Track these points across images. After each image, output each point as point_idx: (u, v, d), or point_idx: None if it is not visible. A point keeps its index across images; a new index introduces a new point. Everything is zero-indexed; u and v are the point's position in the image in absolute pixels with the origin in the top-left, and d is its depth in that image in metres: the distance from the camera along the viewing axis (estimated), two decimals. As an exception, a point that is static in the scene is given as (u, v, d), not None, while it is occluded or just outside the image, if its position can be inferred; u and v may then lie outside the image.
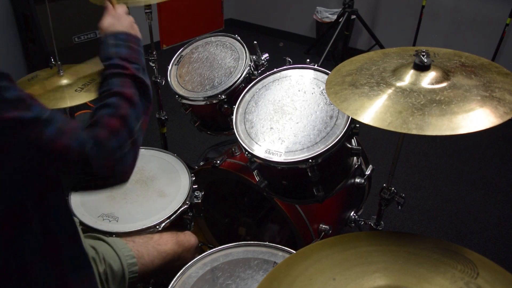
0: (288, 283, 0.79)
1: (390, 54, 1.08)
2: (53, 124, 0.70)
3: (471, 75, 0.95)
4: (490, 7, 3.28)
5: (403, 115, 0.86)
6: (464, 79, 0.94)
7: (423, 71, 0.96)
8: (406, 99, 0.90)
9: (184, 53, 1.71)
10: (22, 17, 3.07)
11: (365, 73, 1.02)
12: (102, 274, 1.06)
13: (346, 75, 1.03)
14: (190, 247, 1.27)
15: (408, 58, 1.04)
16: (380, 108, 0.90)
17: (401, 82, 0.96)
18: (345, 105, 0.93)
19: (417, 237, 0.88)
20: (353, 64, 1.08)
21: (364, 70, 1.03)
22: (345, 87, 0.98)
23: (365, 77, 1.00)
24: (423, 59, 0.95)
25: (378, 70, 1.02)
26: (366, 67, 1.04)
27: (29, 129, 0.67)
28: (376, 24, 3.97)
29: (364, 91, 0.95)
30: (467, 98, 0.88)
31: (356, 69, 1.05)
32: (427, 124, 0.83)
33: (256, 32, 4.77)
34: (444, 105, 0.87)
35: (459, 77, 0.95)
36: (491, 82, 0.92)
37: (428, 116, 0.85)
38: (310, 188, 1.24)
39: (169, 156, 1.58)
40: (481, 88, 0.91)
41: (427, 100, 0.89)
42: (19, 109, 0.67)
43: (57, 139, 0.69)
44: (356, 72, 1.03)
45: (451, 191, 2.45)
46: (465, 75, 0.96)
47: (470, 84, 0.92)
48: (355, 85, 0.98)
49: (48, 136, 0.69)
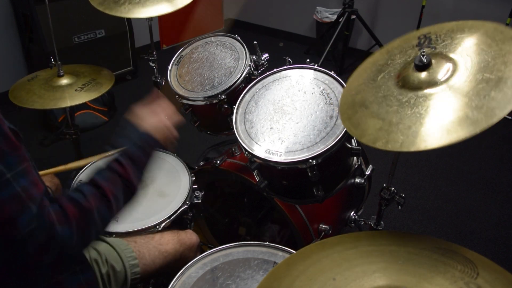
0: (288, 283, 0.79)
1: (393, 51, 1.06)
2: (9, 187, 0.66)
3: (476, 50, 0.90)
4: (490, 7, 3.28)
5: (412, 131, 0.84)
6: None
7: (424, 70, 0.94)
8: (413, 110, 0.87)
9: (184, 53, 1.71)
10: (22, 17, 3.07)
11: (372, 86, 1.00)
12: (105, 276, 1.06)
13: (356, 94, 1.02)
14: (191, 246, 1.27)
15: (411, 52, 1.02)
16: (391, 127, 0.88)
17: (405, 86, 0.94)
18: (359, 132, 0.92)
19: (417, 237, 0.88)
20: (360, 77, 1.06)
21: (371, 82, 1.01)
22: (356, 109, 0.97)
23: (372, 92, 0.98)
24: (423, 59, 0.94)
25: (383, 79, 1.00)
26: (372, 77, 1.02)
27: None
28: (376, 24, 3.96)
29: (374, 111, 0.93)
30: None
31: (363, 83, 1.03)
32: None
33: (256, 32, 4.77)
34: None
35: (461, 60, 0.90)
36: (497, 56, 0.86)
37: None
38: (310, 188, 1.24)
39: (169, 156, 1.58)
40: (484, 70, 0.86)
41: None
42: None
43: (5, 204, 0.66)
44: (364, 87, 1.01)
45: (451, 191, 2.45)
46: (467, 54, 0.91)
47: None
48: (365, 105, 0.96)
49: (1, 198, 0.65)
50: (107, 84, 1.75)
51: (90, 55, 3.20)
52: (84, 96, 1.67)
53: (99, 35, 3.29)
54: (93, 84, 1.74)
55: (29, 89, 1.68)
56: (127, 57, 3.57)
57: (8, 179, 0.67)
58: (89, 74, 1.80)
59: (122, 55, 3.53)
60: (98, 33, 3.28)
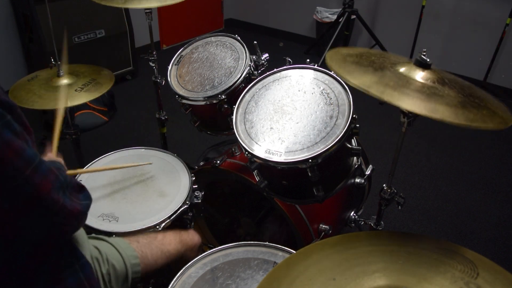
0: (288, 283, 0.79)
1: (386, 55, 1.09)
2: (43, 168, 0.73)
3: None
4: (490, 7, 3.28)
5: (388, 87, 0.89)
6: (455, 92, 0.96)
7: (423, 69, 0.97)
8: (399, 80, 0.93)
9: (184, 53, 1.70)
10: (22, 17, 3.07)
11: (366, 59, 1.03)
12: (106, 275, 1.06)
13: (347, 56, 1.04)
14: (193, 246, 1.27)
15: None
16: (376, 79, 0.92)
17: (400, 68, 0.98)
18: (344, 71, 0.96)
19: (417, 237, 0.88)
20: (351, 50, 1.10)
21: (365, 56, 1.04)
22: (348, 64, 1.00)
23: (367, 61, 1.01)
24: (425, 58, 0.96)
25: (378, 60, 1.03)
26: (366, 55, 1.05)
27: (26, 163, 0.70)
28: (376, 24, 3.97)
29: (368, 70, 0.96)
30: (450, 95, 0.91)
31: (355, 55, 1.06)
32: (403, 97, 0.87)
33: (256, 32, 4.77)
34: (428, 93, 0.90)
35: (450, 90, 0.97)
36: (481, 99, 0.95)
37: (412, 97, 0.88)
38: (310, 188, 1.24)
39: (169, 156, 1.58)
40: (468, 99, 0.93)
41: (416, 87, 0.92)
42: (21, 140, 0.71)
43: (44, 182, 0.73)
44: (357, 57, 1.04)
45: (451, 191, 2.45)
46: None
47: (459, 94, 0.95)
48: (359, 63, 0.99)
49: (39, 176, 0.72)
50: (107, 84, 1.75)
51: (90, 55, 3.20)
52: (84, 96, 1.67)
53: (99, 35, 3.29)
54: (93, 84, 1.74)
55: (29, 89, 1.68)
56: (127, 57, 3.57)
57: (37, 163, 0.73)
58: (89, 74, 1.80)
59: (122, 55, 3.53)
60: (98, 33, 3.28)
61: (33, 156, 0.72)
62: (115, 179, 1.46)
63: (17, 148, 0.69)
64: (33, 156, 0.72)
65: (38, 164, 0.72)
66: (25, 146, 0.71)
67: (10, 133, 0.69)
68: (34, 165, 0.71)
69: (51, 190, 0.74)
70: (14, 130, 0.70)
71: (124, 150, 1.61)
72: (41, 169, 0.73)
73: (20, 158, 0.69)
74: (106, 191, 1.41)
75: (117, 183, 1.45)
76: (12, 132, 0.69)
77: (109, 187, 1.43)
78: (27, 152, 0.71)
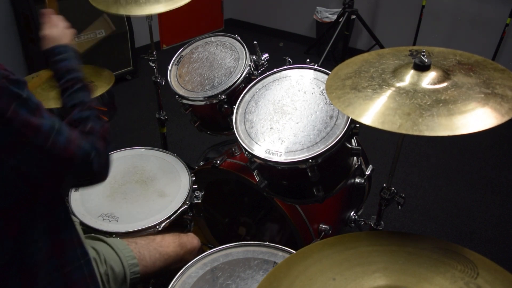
0: (288, 283, 0.79)
1: (385, 55, 1.08)
2: (63, 134, 0.77)
3: (470, 73, 0.95)
4: (490, 7, 3.28)
5: (412, 117, 0.85)
6: (464, 78, 0.94)
7: (424, 71, 0.95)
8: (412, 100, 0.89)
9: (184, 53, 1.71)
10: (22, 17, 3.07)
11: (364, 76, 1.01)
12: (103, 275, 1.06)
13: (345, 79, 1.03)
14: (192, 249, 1.27)
15: (403, 58, 1.04)
16: (387, 110, 0.89)
17: (402, 83, 0.95)
18: (350, 110, 0.92)
19: (417, 237, 0.88)
20: (349, 67, 1.07)
21: (363, 72, 1.03)
22: (347, 91, 0.98)
23: (365, 79, 0.99)
24: (424, 59, 0.95)
25: (377, 72, 1.01)
26: (364, 69, 1.04)
27: (46, 137, 0.74)
28: (376, 24, 3.96)
29: (367, 94, 0.94)
30: (471, 97, 0.88)
31: (354, 72, 1.04)
32: (437, 125, 0.83)
33: (256, 32, 4.77)
34: (450, 105, 0.86)
35: (458, 76, 0.95)
36: (490, 79, 0.92)
37: (437, 116, 0.84)
38: (310, 188, 1.24)
39: (169, 156, 1.58)
40: (482, 85, 0.90)
41: (433, 101, 0.88)
42: (37, 116, 0.73)
43: (67, 147, 0.77)
44: (355, 75, 1.03)
45: (451, 191, 2.45)
46: (463, 73, 0.95)
47: (470, 82, 0.92)
48: (357, 89, 0.97)
49: (61, 144, 0.76)
50: (107, 84, 1.75)
51: (90, 55, 3.20)
52: (84, 96, 1.67)
53: (99, 35, 3.29)
54: (93, 84, 1.74)
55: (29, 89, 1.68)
56: (127, 57, 3.57)
57: (58, 128, 0.78)
58: (89, 75, 1.79)
59: (122, 55, 3.52)
60: (98, 33, 3.28)
61: (51, 126, 0.75)
62: (115, 179, 1.46)
63: (34, 126, 0.72)
64: (51, 126, 0.75)
65: (57, 132, 0.76)
66: (42, 121, 0.74)
67: (27, 112, 0.71)
68: (53, 135, 0.75)
69: (77, 149, 0.78)
70: (29, 107, 0.72)
71: (124, 150, 1.61)
72: (61, 134, 0.76)
73: (39, 134, 0.73)
74: (106, 191, 1.41)
75: (117, 183, 1.45)
76: (28, 110, 0.72)
77: (109, 187, 1.43)
78: (44, 126, 0.74)
